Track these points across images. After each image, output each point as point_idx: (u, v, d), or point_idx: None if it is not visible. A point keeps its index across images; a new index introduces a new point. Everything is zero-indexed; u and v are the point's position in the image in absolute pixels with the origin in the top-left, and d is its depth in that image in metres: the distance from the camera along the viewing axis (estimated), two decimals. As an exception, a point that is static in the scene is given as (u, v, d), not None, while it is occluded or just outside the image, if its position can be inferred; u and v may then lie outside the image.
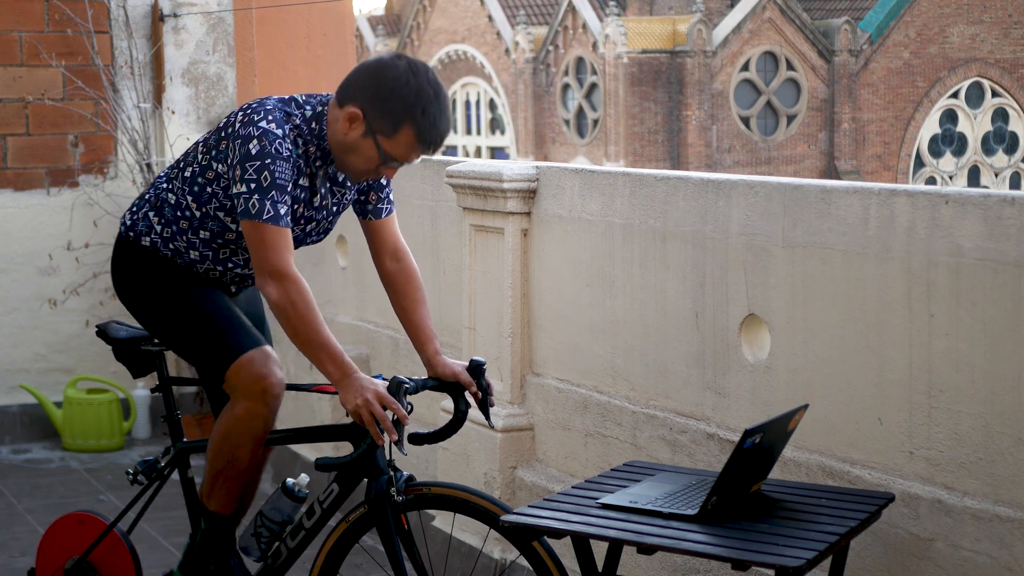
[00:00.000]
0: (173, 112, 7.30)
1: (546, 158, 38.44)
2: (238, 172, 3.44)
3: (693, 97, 36.36)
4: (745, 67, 36.96)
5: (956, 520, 3.40)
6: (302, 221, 3.62)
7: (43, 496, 6.24)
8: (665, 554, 4.00)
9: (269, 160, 3.42)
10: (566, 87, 38.84)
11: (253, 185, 3.41)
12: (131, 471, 3.95)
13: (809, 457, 3.77)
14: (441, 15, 42.44)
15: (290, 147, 3.47)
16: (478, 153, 41.56)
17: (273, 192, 3.42)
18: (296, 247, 3.65)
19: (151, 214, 3.70)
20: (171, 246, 3.68)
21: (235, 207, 3.48)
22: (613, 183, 4.45)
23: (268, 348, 3.65)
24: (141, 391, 7.14)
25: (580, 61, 38.30)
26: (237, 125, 3.48)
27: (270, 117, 3.47)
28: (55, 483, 6.47)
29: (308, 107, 3.55)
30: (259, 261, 3.44)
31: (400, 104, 3.43)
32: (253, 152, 3.42)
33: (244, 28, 7.56)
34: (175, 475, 3.92)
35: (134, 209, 3.76)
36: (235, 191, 3.44)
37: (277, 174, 3.42)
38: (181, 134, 7.29)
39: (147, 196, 3.75)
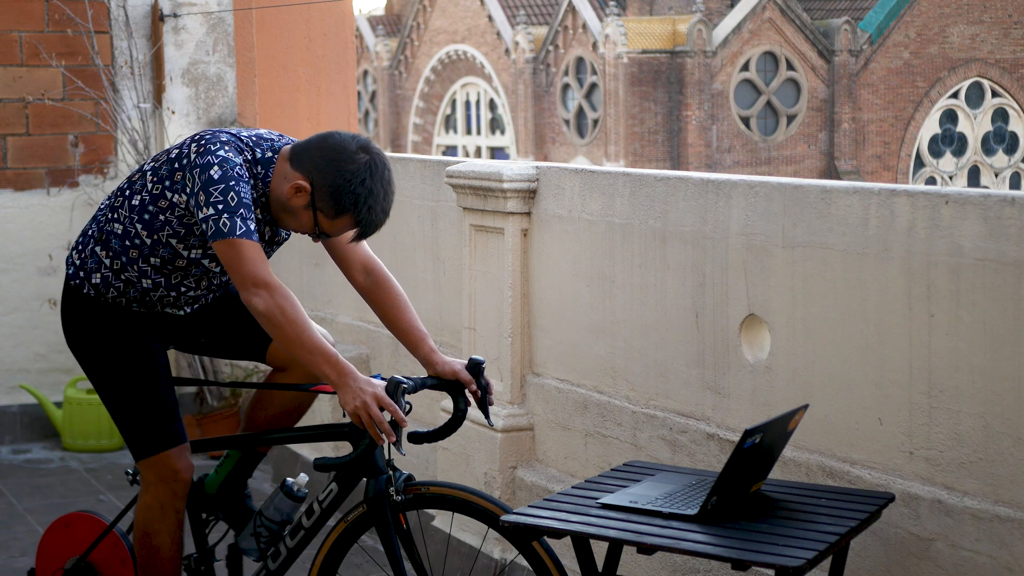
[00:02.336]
0: (173, 112, 7.30)
1: (546, 158, 38.42)
2: (202, 197, 3.45)
3: (693, 97, 36.35)
4: (745, 67, 36.95)
5: (956, 520, 3.40)
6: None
7: (43, 496, 6.24)
8: (665, 554, 4.00)
9: (233, 182, 3.45)
10: (566, 87, 38.83)
11: (221, 206, 3.44)
12: (131, 471, 3.96)
13: (809, 457, 3.77)
14: (441, 15, 42.43)
15: (246, 173, 3.51)
16: (478, 153, 41.56)
17: (242, 210, 3.44)
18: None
19: (97, 248, 3.71)
20: (122, 277, 3.68)
21: (202, 232, 3.52)
22: (613, 183, 4.45)
23: (186, 445, 3.74)
24: (141, 391, 7.13)
25: (580, 61, 38.29)
26: (193, 155, 3.50)
27: (227, 147, 3.50)
28: (55, 483, 6.47)
29: (258, 150, 3.57)
30: (241, 276, 3.45)
31: (349, 199, 3.47)
32: (215, 177, 3.45)
33: (244, 28, 7.56)
34: (175, 475, 3.92)
35: (79, 248, 3.76)
36: (202, 216, 3.45)
37: (243, 195, 3.45)
38: (181, 134, 7.28)
39: (90, 232, 3.75)
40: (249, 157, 3.55)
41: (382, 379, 3.53)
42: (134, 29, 7.29)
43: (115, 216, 3.67)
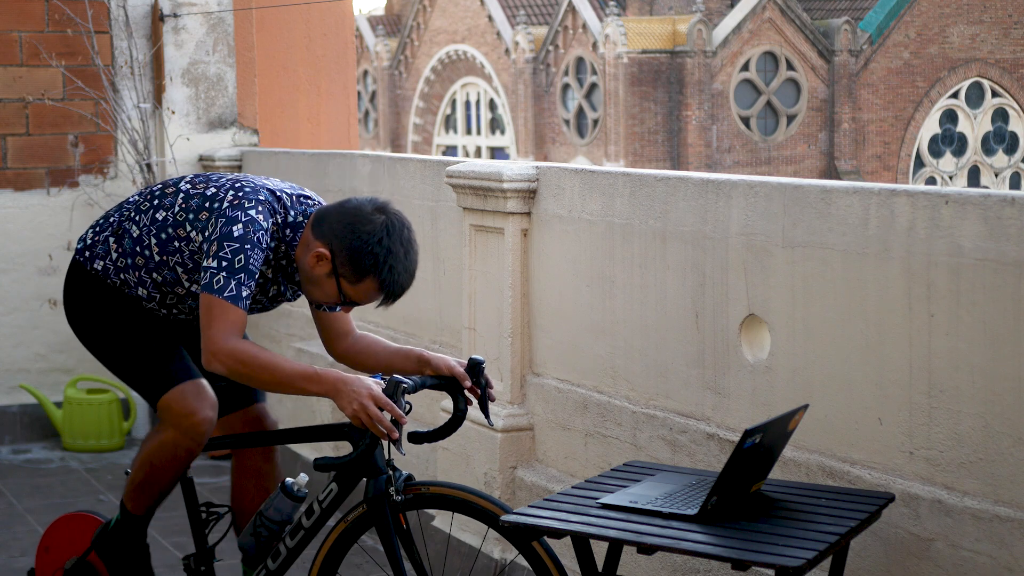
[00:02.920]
0: (173, 112, 7.30)
1: (546, 158, 38.43)
2: (214, 248, 3.48)
3: (693, 97, 36.35)
4: (745, 67, 36.96)
5: (956, 520, 3.40)
6: (269, 290, 3.71)
7: (43, 496, 6.24)
8: (665, 554, 4.00)
9: (249, 246, 3.48)
10: (566, 87, 38.84)
11: (225, 263, 3.46)
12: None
13: (809, 457, 3.77)
14: (441, 15, 42.43)
15: (268, 240, 3.54)
16: (478, 153, 41.56)
17: (242, 275, 3.47)
18: (258, 312, 3.79)
19: (111, 240, 3.74)
20: (122, 276, 3.72)
21: (199, 276, 3.55)
22: (613, 183, 4.45)
23: (202, 382, 3.74)
24: (141, 391, 7.13)
25: (580, 61, 38.29)
26: (225, 204, 3.53)
27: (260, 208, 3.53)
28: (55, 483, 6.47)
29: (292, 212, 3.60)
30: (207, 337, 3.48)
31: (370, 260, 3.49)
32: (235, 235, 3.48)
33: (244, 28, 7.56)
34: (175, 475, 3.92)
35: (97, 229, 3.80)
36: (205, 264, 3.49)
37: (251, 261, 3.48)
38: (181, 134, 7.29)
39: (112, 219, 3.78)
40: (280, 220, 3.58)
41: (382, 379, 3.53)
42: (134, 29, 7.29)
43: (137, 219, 3.71)
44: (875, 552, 3.58)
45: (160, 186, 3.73)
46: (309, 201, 3.65)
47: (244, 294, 3.47)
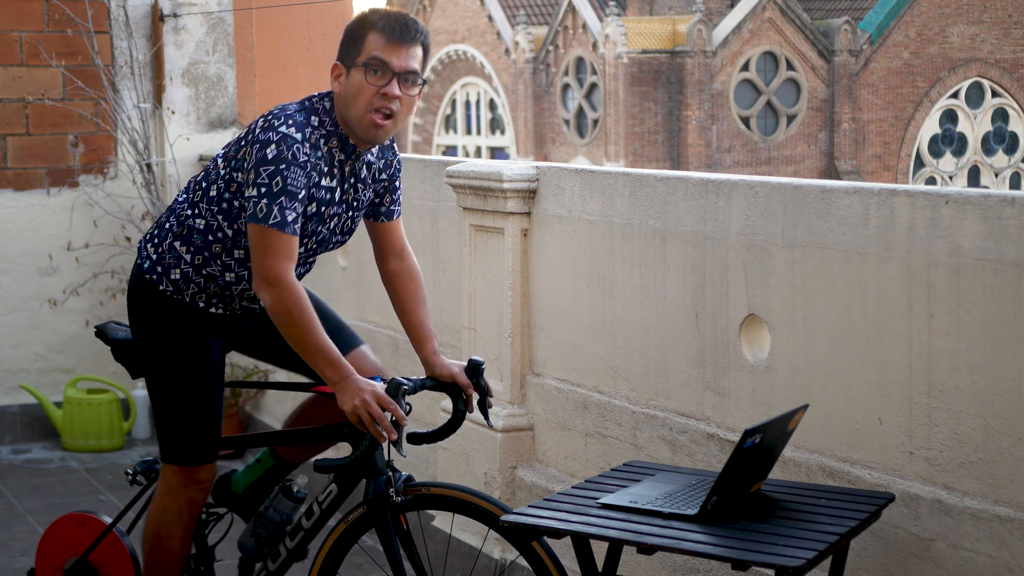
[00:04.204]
0: (173, 112, 7.30)
1: (546, 158, 38.42)
2: (252, 176, 3.42)
3: (693, 97, 36.34)
4: (745, 67, 36.95)
5: (956, 520, 3.40)
6: (328, 219, 3.59)
7: (43, 496, 6.24)
8: (665, 554, 4.00)
9: (284, 166, 3.40)
10: (566, 87, 38.83)
11: (264, 189, 3.40)
12: (131, 471, 3.95)
13: (809, 457, 3.77)
14: (441, 15, 42.42)
15: (308, 152, 3.45)
16: (478, 153, 41.55)
17: (283, 198, 3.40)
18: (325, 249, 3.68)
19: (177, 244, 3.64)
20: (204, 272, 3.62)
21: (246, 209, 3.47)
22: (613, 183, 4.45)
23: (215, 465, 3.74)
24: (141, 391, 7.14)
25: (580, 61, 38.29)
26: (257, 131, 3.47)
27: (290, 122, 3.45)
28: (55, 483, 6.47)
29: (327, 100, 3.56)
30: (258, 265, 3.43)
31: (354, 28, 3.50)
32: (269, 156, 3.41)
33: (244, 28, 7.56)
34: (175, 475, 3.92)
35: (156, 241, 3.69)
36: (247, 194, 3.43)
37: (289, 181, 3.41)
38: (181, 134, 7.29)
39: (168, 224, 3.68)
40: (322, 111, 3.52)
41: (382, 380, 3.53)
42: (134, 29, 7.29)
43: (195, 211, 3.62)
44: (875, 552, 3.58)
45: (201, 172, 3.65)
46: (328, 92, 3.61)
47: (290, 218, 3.41)
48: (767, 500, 3.40)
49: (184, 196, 3.69)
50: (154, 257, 3.68)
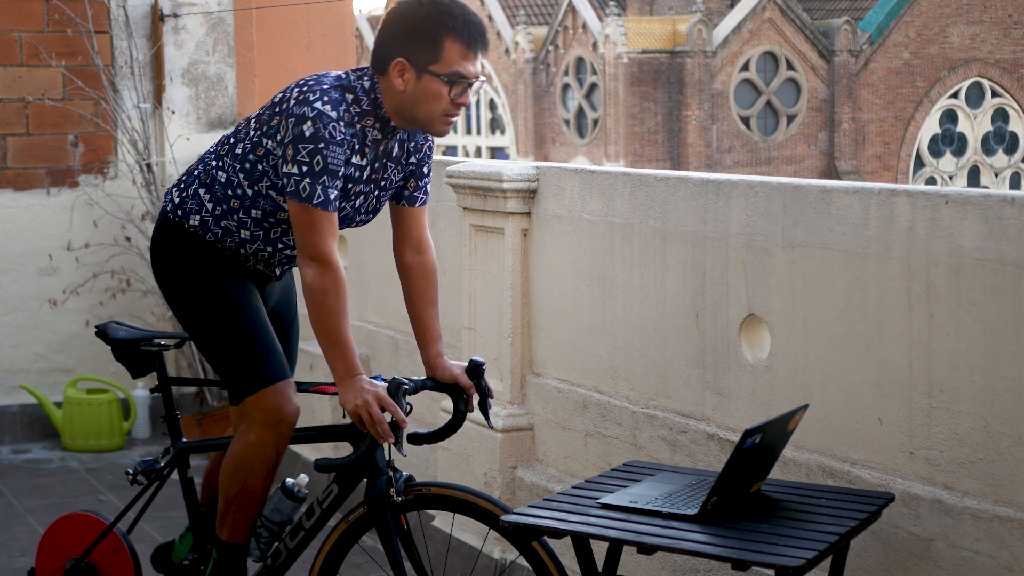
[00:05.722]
0: (173, 112, 7.30)
1: (546, 158, 38.42)
2: (290, 152, 3.40)
3: (693, 97, 36.35)
4: (745, 67, 36.95)
5: (956, 520, 3.40)
6: (353, 197, 3.57)
7: (43, 496, 6.24)
8: (665, 554, 4.00)
9: (323, 144, 3.38)
10: (566, 87, 38.84)
11: (305, 168, 3.38)
12: (131, 471, 3.95)
13: (809, 457, 3.77)
14: (441, 15, 42.37)
15: (343, 129, 3.43)
16: (478, 153, 41.55)
17: (325, 177, 3.39)
18: (347, 226, 3.65)
19: (201, 191, 3.64)
20: (222, 224, 3.61)
21: (285, 186, 3.44)
22: (613, 183, 4.45)
23: (291, 380, 3.64)
24: (141, 391, 7.14)
25: (580, 61, 38.29)
26: (292, 102, 3.43)
27: (326, 98, 3.42)
28: (55, 483, 6.47)
29: (366, 78, 3.51)
30: (303, 244, 3.42)
31: (427, 25, 3.43)
32: (307, 134, 3.38)
33: (244, 28, 7.56)
34: (175, 475, 3.92)
35: (182, 186, 3.69)
36: (285, 170, 3.41)
37: (330, 159, 3.39)
38: (181, 134, 7.29)
39: (196, 172, 3.68)
40: (360, 90, 3.48)
41: (383, 380, 3.53)
42: (134, 29, 7.29)
43: (220, 163, 3.61)
44: (875, 552, 3.58)
45: (232, 128, 3.66)
46: (366, 68, 3.55)
47: (332, 196, 3.40)
48: (767, 500, 3.40)
49: (214, 149, 3.69)
50: (177, 200, 3.67)
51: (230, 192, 3.59)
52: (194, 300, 3.66)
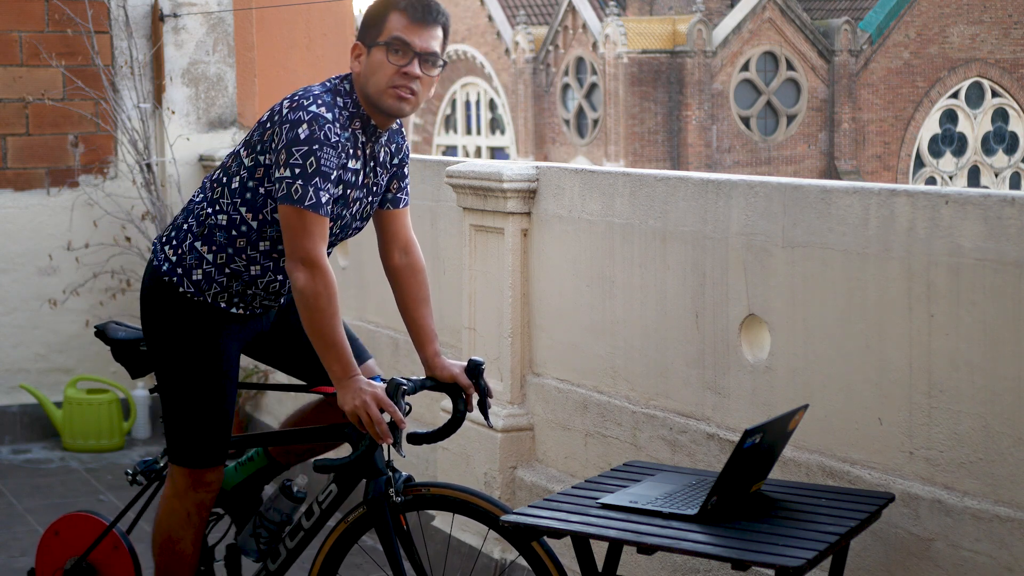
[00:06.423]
0: (173, 112, 7.30)
1: (546, 158, 38.41)
2: (283, 156, 3.39)
3: (693, 97, 36.34)
4: (745, 67, 36.95)
5: (956, 520, 3.40)
6: (351, 203, 3.57)
7: (43, 496, 6.24)
8: (665, 554, 4.00)
9: (317, 146, 3.38)
10: (566, 87, 38.83)
11: (298, 170, 3.37)
12: (131, 471, 3.95)
13: (809, 457, 3.77)
14: (441, 15, 42.37)
15: (339, 131, 3.44)
16: (478, 153, 41.55)
17: (317, 179, 3.38)
18: (346, 235, 3.65)
19: (198, 244, 3.59)
20: (227, 270, 3.58)
21: (276, 191, 3.43)
22: (613, 183, 4.45)
23: (221, 467, 3.71)
24: (141, 391, 7.14)
25: (580, 61, 38.29)
26: (285, 111, 3.43)
27: (319, 102, 3.43)
28: (55, 483, 6.47)
29: (346, 81, 3.54)
30: (293, 246, 3.40)
31: (375, 9, 3.49)
32: (302, 136, 3.38)
33: (244, 28, 7.56)
34: (175, 475, 3.92)
35: (174, 243, 3.63)
36: (278, 175, 3.39)
37: (323, 161, 3.38)
38: (181, 134, 7.29)
39: (185, 226, 3.63)
40: (342, 92, 3.51)
41: (382, 381, 3.53)
42: (134, 29, 7.29)
43: (216, 208, 3.57)
44: (875, 552, 3.58)
45: (219, 171, 3.60)
46: (345, 74, 3.58)
47: (324, 199, 3.38)
48: (767, 500, 3.40)
49: (201, 196, 3.65)
50: (173, 259, 3.62)
51: (234, 232, 3.56)
52: (175, 361, 3.66)
